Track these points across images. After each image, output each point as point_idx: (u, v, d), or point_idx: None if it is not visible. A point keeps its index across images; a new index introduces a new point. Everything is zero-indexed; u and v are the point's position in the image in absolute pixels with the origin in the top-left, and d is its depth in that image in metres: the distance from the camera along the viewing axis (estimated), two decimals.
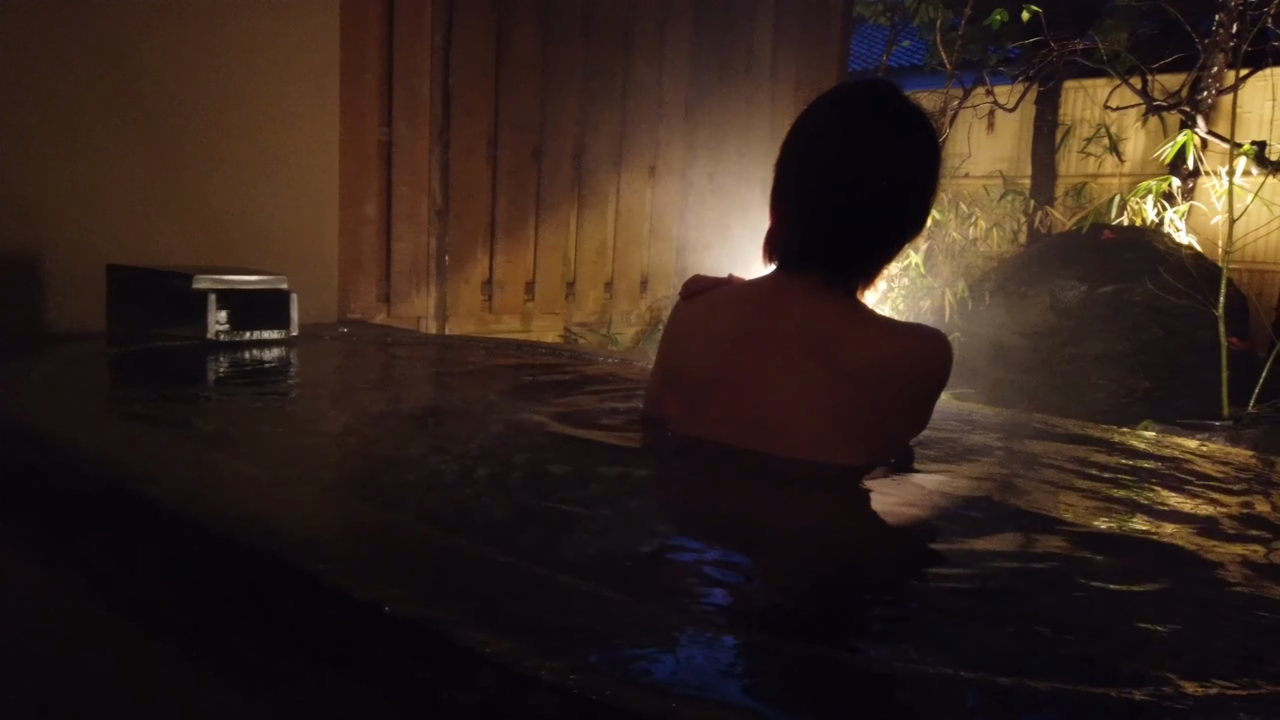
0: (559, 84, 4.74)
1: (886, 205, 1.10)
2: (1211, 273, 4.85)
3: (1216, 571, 0.97)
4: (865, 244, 1.12)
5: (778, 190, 1.16)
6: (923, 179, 1.11)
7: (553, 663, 0.52)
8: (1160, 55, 6.82)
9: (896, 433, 1.15)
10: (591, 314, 5.07)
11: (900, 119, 1.10)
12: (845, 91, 1.14)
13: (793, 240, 1.15)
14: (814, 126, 1.13)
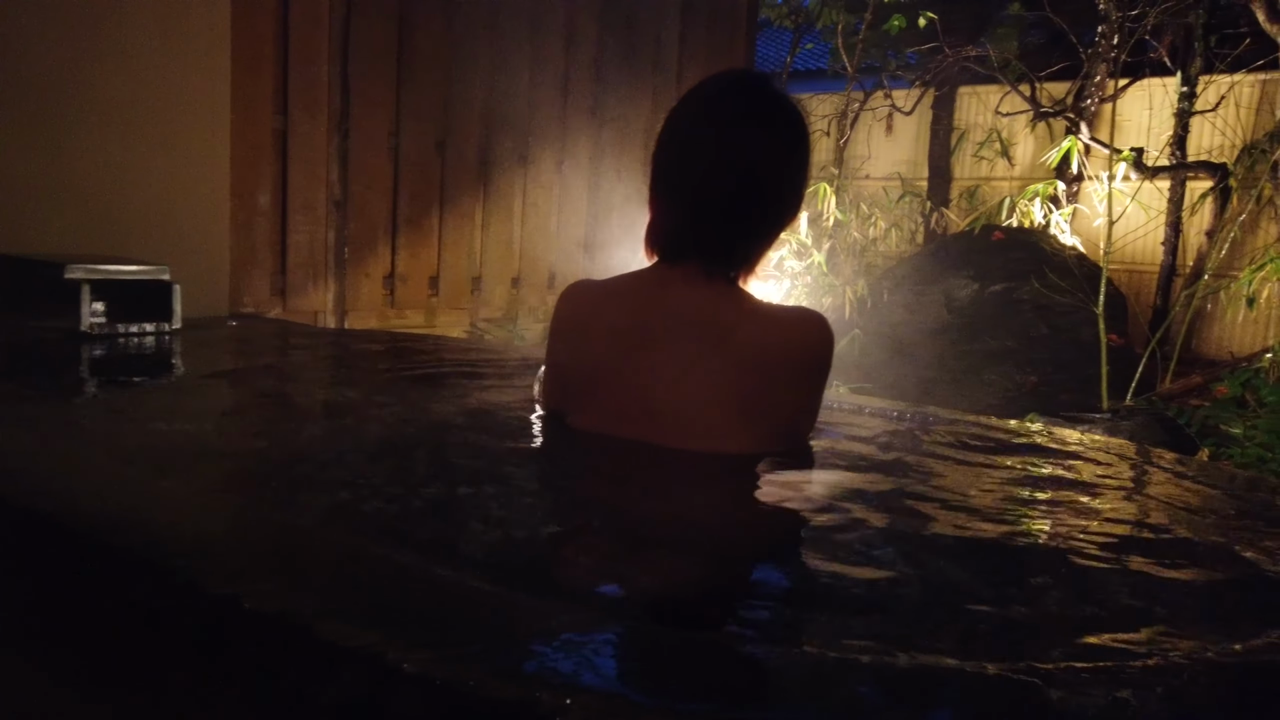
0: (464, 76, 4.67)
1: (760, 193, 1.12)
2: (1093, 273, 5.09)
3: (1090, 553, 1.02)
4: (742, 232, 1.13)
5: (655, 183, 1.17)
6: (793, 166, 1.14)
7: (418, 655, 0.50)
8: (1048, 64, 7.13)
9: (786, 420, 1.16)
10: (498, 310, 5.02)
11: (770, 108, 1.12)
12: (716, 83, 1.15)
13: (672, 231, 1.15)
14: (687, 118, 1.14)
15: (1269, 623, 0.77)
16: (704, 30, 6.23)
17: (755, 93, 1.13)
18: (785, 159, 1.12)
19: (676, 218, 1.15)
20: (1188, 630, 0.79)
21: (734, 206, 1.12)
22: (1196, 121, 6.50)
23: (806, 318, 1.15)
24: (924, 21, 5.97)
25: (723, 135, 1.11)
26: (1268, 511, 1.17)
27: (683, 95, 1.16)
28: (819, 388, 1.19)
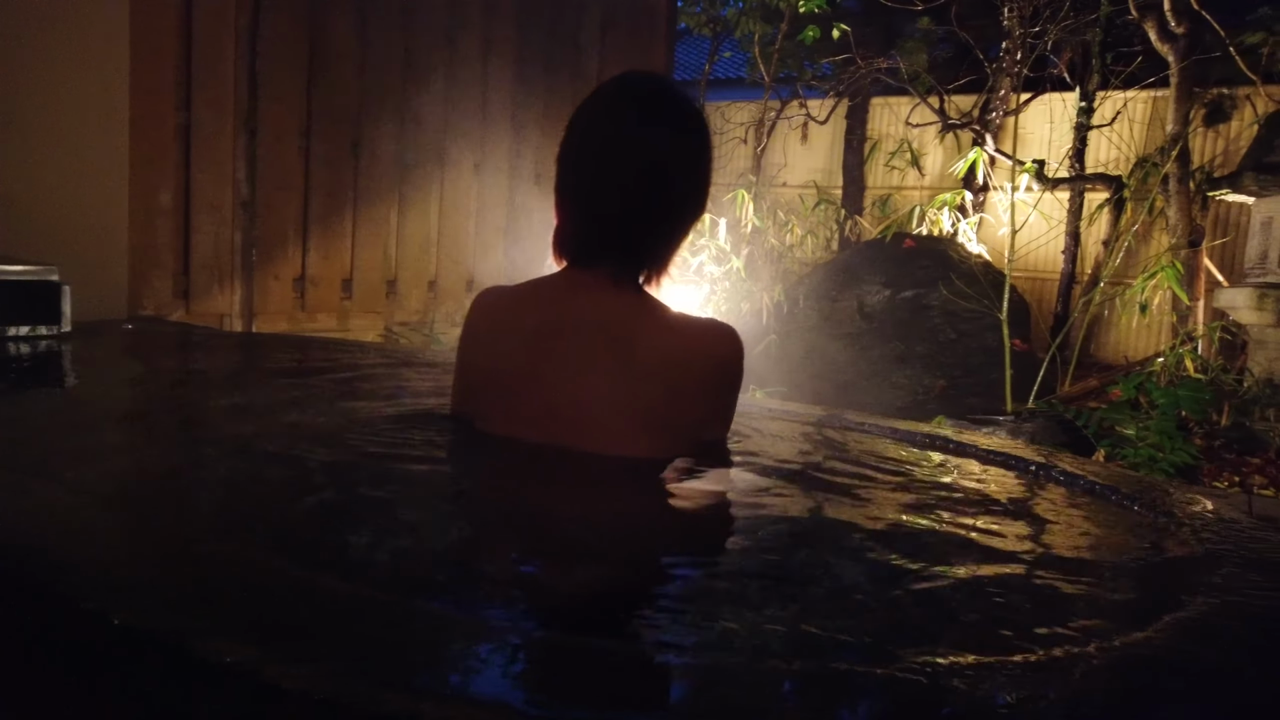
0: (378, 75, 4.59)
1: (661, 194, 1.12)
2: (998, 280, 5.27)
3: (989, 553, 1.05)
4: (646, 234, 1.13)
5: (560, 186, 1.16)
6: (695, 165, 1.14)
7: (298, 670, 0.49)
8: (955, 77, 7.37)
9: (694, 426, 1.16)
10: (414, 313, 4.93)
11: (669, 109, 1.13)
12: (615, 85, 1.15)
13: (577, 236, 1.15)
14: (587, 122, 1.14)
15: (1152, 616, 0.81)
16: (624, 36, 6.25)
17: (654, 94, 1.14)
18: (686, 158, 1.12)
19: (581, 222, 1.15)
20: (1079, 626, 0.82)
21: (636, 208, 1.12)
22: (1094, 135, 6.80)
23: (715, 329, 1.15)
24: (838, 33, 6.11)
25: (622, 137, 1.12)
26: (1157, 511, 1.22)
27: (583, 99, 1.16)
28: (730, 398, 1.19)
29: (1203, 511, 1.23)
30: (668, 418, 1.12)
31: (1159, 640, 0.76)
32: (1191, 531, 1.11)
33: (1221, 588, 0.91)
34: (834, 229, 7.70)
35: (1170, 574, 0.98)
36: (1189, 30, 5.18)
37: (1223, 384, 4.34)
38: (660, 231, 1.14)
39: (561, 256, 1.17)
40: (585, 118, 1.14)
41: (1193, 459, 3.61)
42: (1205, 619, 0.82)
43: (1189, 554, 1.03)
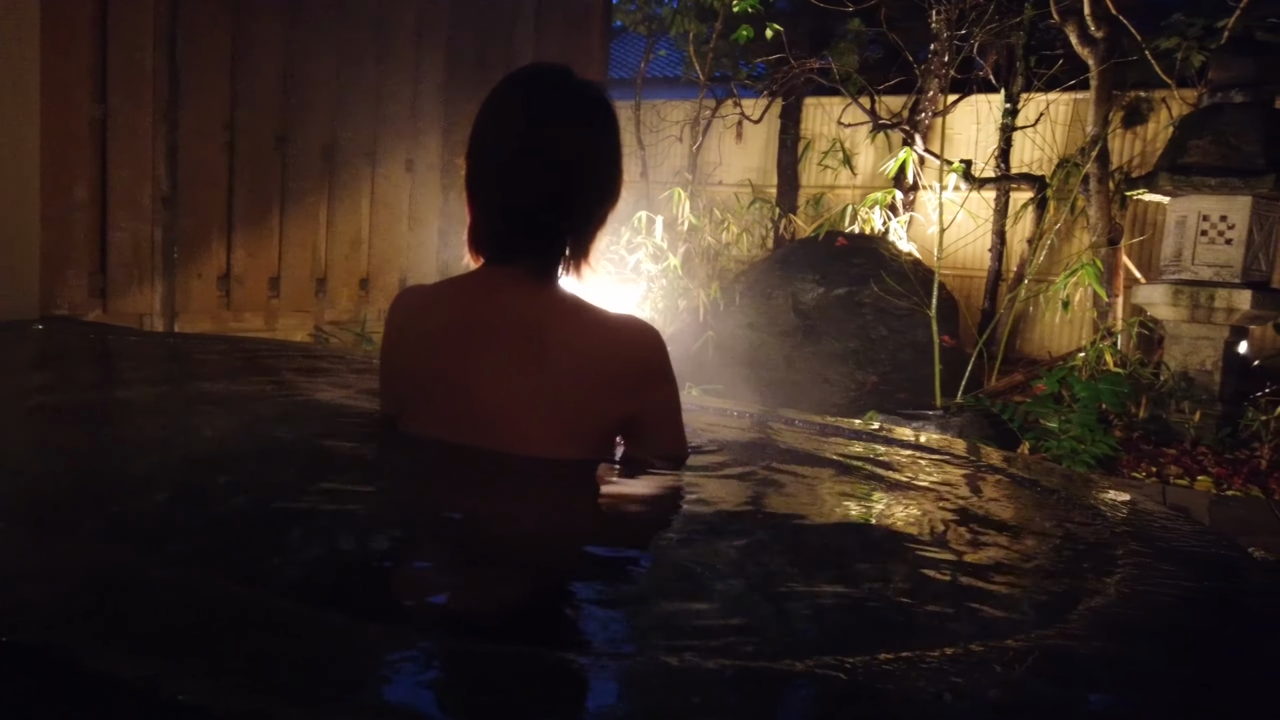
0: (307, 68, 4.48)
1: (568, 187, 1.11)
2: (928, 277, 5.38)
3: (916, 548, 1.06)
4: (556, 228, 1.12)
5: (470, 183, 1.14)
6: (600, 155, 1.13)
7: (197, 684, 0.46)
8: (886, 78, 7.50)
9: (615, 427, 1.15)
10: (344, 312, 4.84)
11: (572, 100, 1.11)
12: (516, 78, 1.13)
13: (490, 232, 1.14)
14: (490, 118, 1.13)
15: (1068, 608, 0.82)
16: (558, 32, 6.22)
17: (554, 84, 1.12)
18: (589, 148, 1.11)
19: (490, 218, 1.13)
20: (997, 619, 0.84)
21: (542, 202, 1.11)
22: (1019, 136, 6.99)
23: (632, 326, 1.14)
24: (771, 33, 6.16)
25: (523, 130, 1.10)
26: (1075, 503, 1.25)
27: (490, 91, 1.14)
28: (660, 397, 1.16)
29: (1118, 503, 1.26)
30: (590, 418, 1.11)
31: (1073, 632, 0.77)
32: (1107, 524, 1.14)
33: (1135, 579, 0.94)
34: (769, 227, 7.77)
35: (1086, 565, 1.00)
36: (1108, 35, 5.35)
37: (1140, 377, 4.50)
38: (570, 223, 1.12)
39: (476, 254, 1.16)
40: (488, 112, 1.13)
41: (1112, 450, 3.73)
42: (1119, 610, 0.84)
43: (1104, 545, 1.06)
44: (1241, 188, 4.12)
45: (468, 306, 1.14)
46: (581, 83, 1.14)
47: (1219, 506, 1.87)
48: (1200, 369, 4.27)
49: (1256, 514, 1.82)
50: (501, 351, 1.11)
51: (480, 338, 1.12)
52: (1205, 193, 4.22)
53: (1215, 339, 4.24)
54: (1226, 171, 4.15)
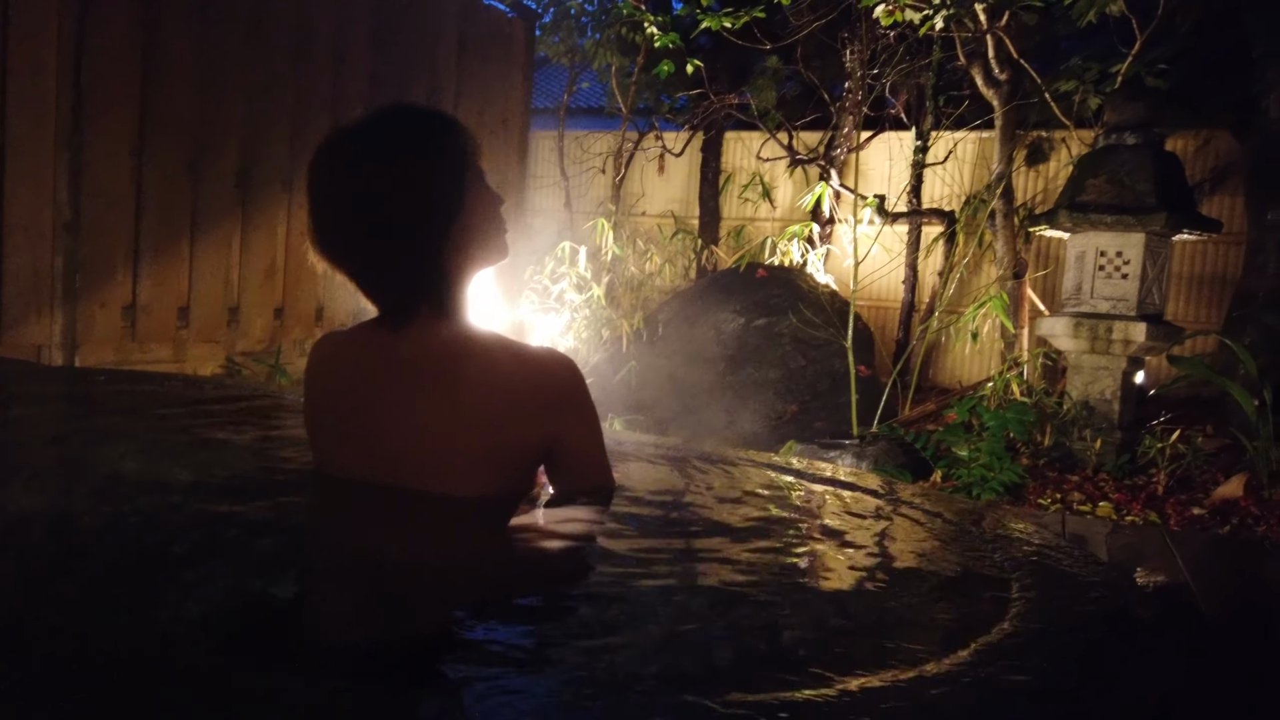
0: (221, 92, 4.39)
1: (400, 227, 1.09)
2: (844, 309, 5.50)
3: (824, 581, 1.08)
4: (412, 269, 1.10)
5: (321, 237, 1.12)
6: (420, 188, 1.10)
7: None
8: (802, 114, 7.70)
9: (531, 458, 1.15)
10: (259, 342, 4.72)
11: (414, 141, 1.10)
12: (354, 127, 1.11)
13: (357, 285, 1.13)
14: (310, 176, 1.11)
15: (969, 639, 0.85)
16: (480, 62, 6.23)
17: (396, 126, 1.11)
18: (404, 183, 1.08)
19: (345, 269, 1.13)
20: (901, 652, 0.86)
21: (376, 248, 1.10)
22: (929, 173, 7.24)
23: (542, 356, 1.14)
24: (691, 69, 6.28)
25: (336, 182, 1.09)
26: (978, 534, 1.30)
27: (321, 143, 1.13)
28: (577, 428, 1.16)
29: (1017, 535, 1.31)
30: (505, 452, 1.11)
31: (973, 662, 0.80)
32: (1008, 554, 1.19)
33: (1033, 609, 0.97)
34: (691, 258, 7.86)
35: (987, 596, 1.03)
36: (1011, 77, 5.60)
37: (1045, 406, 4.67)
38: (421, 258, 1.10)
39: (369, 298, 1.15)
40: (310, 173, 1.11)
41: (1019, 478, 3.86)
42: (1017, 640, 0.87)
43: (1005, 576, 1.09)
44: (1135, 225, 4.34)
45: (378, 347, 1.13)
46: (419, 126, 1.12)
47: (1116, 534, 1.96)
48: (1100, 398, 4.46)
49: (1150, 541, 1.91)
50: (411, 389, 1.10)
51: (390, 377, 1.12)
52: (1102, 229, 4.43)
53: (1114, 369, 4.44)
54: (1121, 209, 4.36)
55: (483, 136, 6.50)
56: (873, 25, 5.71)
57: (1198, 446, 4.32)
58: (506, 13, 6.60)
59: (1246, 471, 3.99)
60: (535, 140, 8.57)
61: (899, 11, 5.00)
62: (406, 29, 5.50)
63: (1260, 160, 5.70)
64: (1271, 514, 3.64)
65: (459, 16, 5.98)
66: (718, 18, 5.83)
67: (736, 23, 5.81)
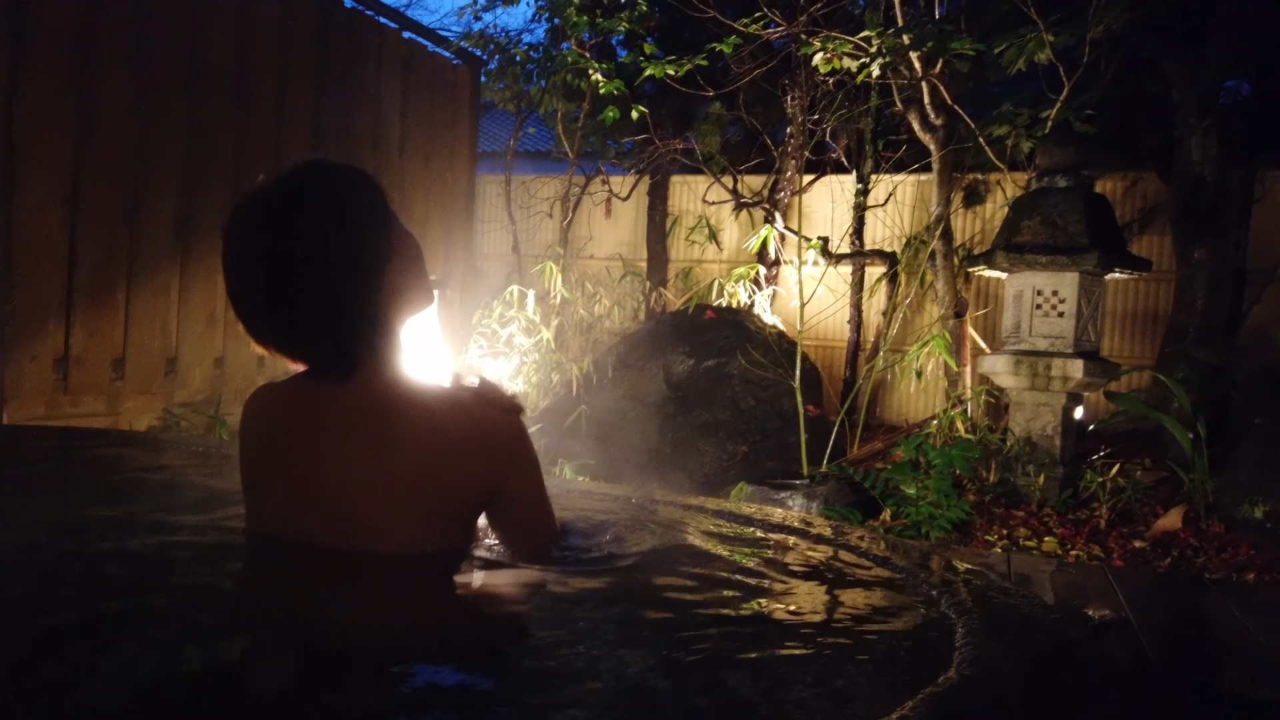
0: (159, 140, 4.33)
1: (355, 280, 1.07)
2: (791, 349, 5.56)
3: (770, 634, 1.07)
4: (357, 323, 1.08)
5: (243, 307, 1.10)
6: (372, 244, 1.09)
7: None
8: (746, 158, 7.84)
9: (471, 512, 1.13)
10: (198, 392, 4.60)
11: (330, 197, 1.09)
12: (266, 189, 1.09)
13: (293, 345, 1.11)
14: (223, 240, 1.09)
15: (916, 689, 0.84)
16: (426, 108, 6.24)
17: (281, 190, 1.09)
18: (330, 240, 1.06)
19: (273, 342, 1.10)
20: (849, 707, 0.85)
21: (303, 311, 1.07)
22: (870, 215, 7.39)
23: (481, 404, 1.13)
24: (636, 115, 6.36)
25: (244, 244, 1.08)
26: (923, 579, 1.30)
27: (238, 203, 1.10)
28: (517, 477, 1.14)
29: (966, 578, 1.31)
30: (445, 505, 1.09)
31: (921, 713, 0.79)
32: (954, 599, 1.19)
33: (979, 655, 0.97)
34: (640, 300, 7.89)
35: (933, 643, 1.03)
36: (946, 122, 5.77)
37: (989, 443, 4.75)
38: (348, 317, 1.08)
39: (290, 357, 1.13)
40: (224, 241, 1.09)
41: (966, 515, 3.90)
42: (963, 689, 0.87)
43: (951, 622, 1.09)
44: (1069, 264, 4.47)
45: (314, 401, 1.11)
46: (299, 177, 1.10)
47: (1059, 573, 1.98)
48: (1042, 434, 4.55)
49: (1092, 580, 1.94)
50: (348, 444, 1.08)
51: (327, 432, 1.09)
52: (1038, 269, 4.55)
53: (1054, 405, 4.54)
54: (1055, 250, 4.49)
55: (428, 182, 6.49)
56: (812, 72, 5.85)
57: (1137, 480, 4.42)
58: (451, 60, 6.64)
59: (1184, 504, 4.09)
60: (482, 184, 8.59)
61: (836, 59, 5.13)
62: (350, 77, 5.50)
63: (1184, 200, 5.93)
64: (1209, 545, 3.73)
65: (403, 64, 6.00)
66: (661, 65, 5.92)
67: (679, 70, 5.91)
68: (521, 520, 1.15)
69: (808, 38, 5.49)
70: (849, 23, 6.29)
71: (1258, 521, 3.72)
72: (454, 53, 6.66)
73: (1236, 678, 1.45)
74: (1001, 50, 5.40)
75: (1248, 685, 1.42)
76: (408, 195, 6.00)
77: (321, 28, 5.25)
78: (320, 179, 1.12)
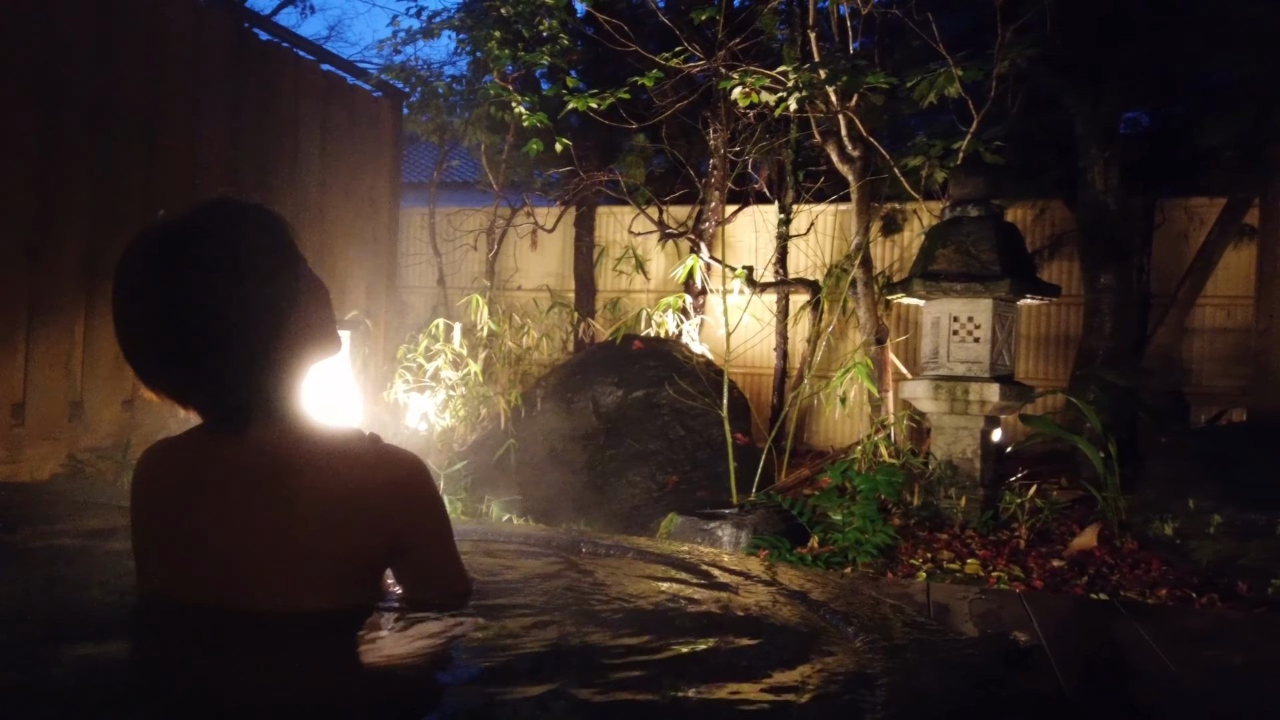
0: (64, 177, 4.18)
1: (257, 327, 1.03)
2: (719, 377, 5.60)
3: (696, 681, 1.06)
4: (258, 373, 1.04)
5: (137, 356, 1.05)
6: (277, 288, 1.05)
7: None
8: (671, 189, 7.91)
9: (375, 566, 1.09)
10: (106, 437, 4.42)
11: (231, 238, 1.04)
12: (163, 229, 1.04)
13: (190, 394, 1.07)
14: (137, 276, 1.04)
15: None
16: (346, 141, 6.16)
17: (180, 231, 1.04)
18: (230, 284, 1.02)
19: (167, 390, 1.06)
20: None
21: (201, 360, 1.03)
22: (793, 244, 7.52)
23: (383, 454, 1.09)
24: (560, 147, 6.38)
25: (158, 294, 1.02)
26: (838, 614, 1.30)
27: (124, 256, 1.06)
28: (423, 529, 1.11)
29: (885, 614, 1.32)
30: (347, 562, 1.05)
31: None
32: (872, 638, 1.19)
33: (895, 696, 0.97)
34: (569, 331, 7.88)
35: (849, 684, 1.03)
36: (863, 154, 5.91)
37: (913, 467, 4.83)
38: (248, 366, 1.04)
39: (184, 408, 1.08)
40: (115, 285, 1.05)
41: (891, 539, 3.95)
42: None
43: (868, 662, 1.09)
44: (983, 291, 4.60)
45: (210, 456, 1.06)
46: (199, 217, 1.05)
47: (977, 601, 2.02)
48: (963, 457, 4.65)
49: (1008, 606, 1.98)
50: (246, 500, 1.04)
51: (223, 488, 1.05)
52: (953, 296, 4.68)
53: (973, 429, 4.65)
54: (969, 277, 4.63)
55: (350, 216, 6.39)
56: (732, 106, 5.94)
57: (1054, 500, 4.55)
58: (373, 92, 6.58)
59: (1099, 522, 4.22)
60: (406, 217, 8.50)
61: (755, 94, 5.23)
62: (267, 110, 5.39)
63: (1089, 228, 6.17)
64: (1123, 562, 3.84)
65: (323, 97, 5.92)
66: (584, 98, 5.95)
67: (602, 103, 5.95)
68: (427, 574, 1.12)
69: (727, 72, 5.59)
70: (768, 57, 6.43)
71: (1168, 538, 3.86)
72: (375, 85, 6.59)
73: (1146, 705, 1.49)
74: (913, 84, 5.57)
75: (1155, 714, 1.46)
76: (328, 230, 5.89)
77: (236, 61, 5.15)
78: (219, 218, 1.07)
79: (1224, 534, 3.64)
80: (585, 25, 7.87)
